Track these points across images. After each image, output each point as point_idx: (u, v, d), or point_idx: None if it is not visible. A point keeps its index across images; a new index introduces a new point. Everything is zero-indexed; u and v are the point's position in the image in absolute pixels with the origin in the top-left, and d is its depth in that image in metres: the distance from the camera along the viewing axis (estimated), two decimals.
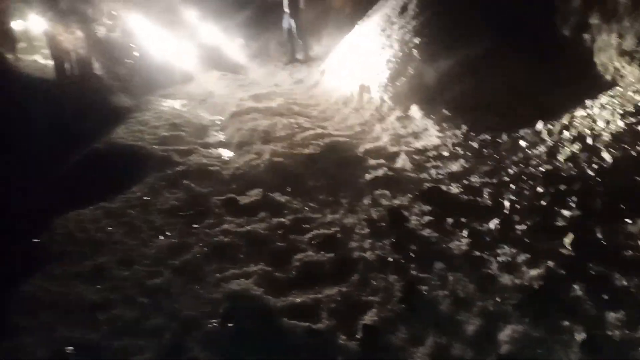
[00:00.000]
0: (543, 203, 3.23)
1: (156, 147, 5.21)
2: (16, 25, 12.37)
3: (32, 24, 11.68)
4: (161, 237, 3.51)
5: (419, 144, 4.55)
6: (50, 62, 9.25)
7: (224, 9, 11.15)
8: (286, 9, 9.41)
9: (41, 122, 6.29)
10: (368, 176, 4.08)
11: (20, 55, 12.38)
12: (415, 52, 5.45)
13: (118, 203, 4.01)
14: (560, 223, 3.01)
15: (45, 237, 3.61)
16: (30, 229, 3.71)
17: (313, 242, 3.32)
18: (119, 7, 9.71)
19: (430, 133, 4.70)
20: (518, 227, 3.10)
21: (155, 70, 9.15)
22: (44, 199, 4.30)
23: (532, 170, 3.60)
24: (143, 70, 9.23)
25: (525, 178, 3.52)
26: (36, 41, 12.28)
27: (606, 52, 4.33)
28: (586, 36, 4.61)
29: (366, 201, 3.74)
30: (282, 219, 3.64)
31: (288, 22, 9.49)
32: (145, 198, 4.09)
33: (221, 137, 5.88)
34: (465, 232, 3.14)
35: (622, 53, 4.14)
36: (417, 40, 5.54)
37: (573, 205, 3.09)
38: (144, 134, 5.68)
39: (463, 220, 3.26)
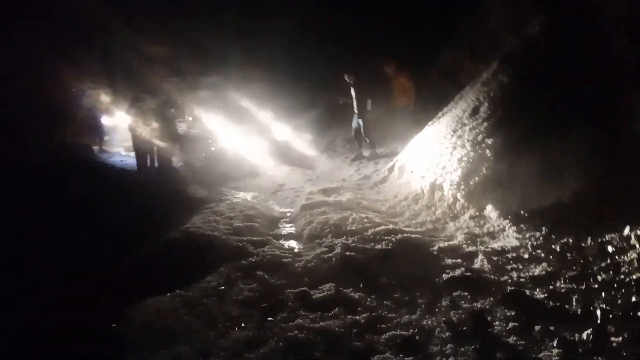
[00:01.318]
0: (639, 314, 3.01)
1: (230, 237, 5.35)
2: (105, 120, 13.60)
3: (118, 120, 12.78)
4: (237, 329, 3.50)
5: (496, 245, 4.43)
6: (132, 154, 9.96)
7: (295, 108, 11.81)
8: (355, 109, 9.85)
9: (121, 211, 6.67)
10: (445, 276, 3.96)
11: (105, 147, 13.49)
12: (488, 152, 5.48)
13: (195, 292, 4.07)
14: None
15: (124, 324, 3.68)
16: (110, 315, 3.81)
17: (391, 344, 3.20)
18: (199, 107, 10.48)
19: (507, 234, 4.57)
20: (613, 338, 2.88)
21: (229, 164, 9.65)
22: (124, 285, 4.47)
23: (624, 277, 3.40)
24: (218, 164, 9.75)
25: (616, 286, 3.32)
26: (121, 136, 13.35)
27: None
28: None
29: (445, 302, 3.61)
30: (357, 317, 3.56)
31: (356, 120, 9.89)
32: (220, 288, 4.14)
33: (292, 229, 5.99)
34: (555, 342, 2.95)
35: None
36: (490, 141, 5.58)
37: None
38: (219, 224, 5.87)
39: (552, 328, 3.08)
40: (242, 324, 3.56)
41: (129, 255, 5.20)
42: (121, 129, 12.07)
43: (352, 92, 9.82)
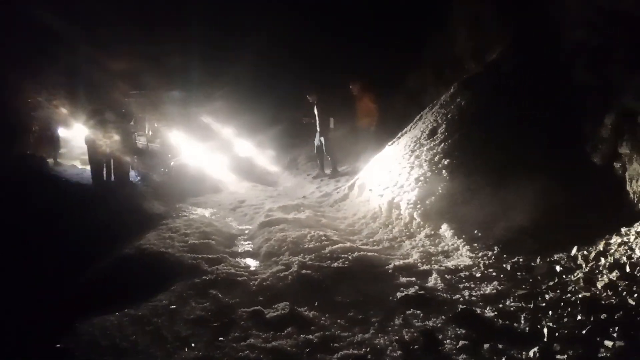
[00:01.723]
0: (584, 332, 3.08)
1: (185, 254, 5.25)
2: (60, 132, 13.24)
3: (75, 132, 12.47)
4: (186, 349, 3.41)
5: (450, 264, 4.49)
6: (88, 168, 9.71)
7: (258, 124, 11.79)
8: (317, 127, 9.90)
9: (74, 226, 6.47)
10: (399, 294, 3.98)
11: (60, 160, 13.11)
12: (444, 172, 5.59)
13: (145, 310, 3.95)
14: (603, 354, 2.85)
15: (70, 342, 3.55)
16: (56, 333, 3.67)
17: None
18: (160, 121, 10.35)
19: (461, 253, 4.65)
20: (559, 356, 2.94)
21: (189, 179, 9.52)
22: (72, 302, 4.32)
23: (571, 296, 3.49)
24: (178, 179, 9.60)
25: (563, 305, 3.40)
26: (77, 148, 13.02)
27: (638, 181, 4.36)
28: (617, 165, 4.68)
29: (398, 321, 3.62)
30: (310, 336, 3.52)
31: (319, 138, 9.93)
32: (172, 306, 4.03)
33: (249, 247, 5.93)
34: None
35: None
36: (446, 162, 5.70)
37: (615, 335, 2.95)
38: (174, 241, 5.75)
39: (500, 346, 3.11)
40: (192, 344, 3.48)
41: (79, 271, 5.04)
42: (78, 141, 11.78)
43: (315, 110, 9.89)
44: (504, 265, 4.22)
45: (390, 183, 6.40)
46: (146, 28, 12.40)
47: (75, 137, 12.57)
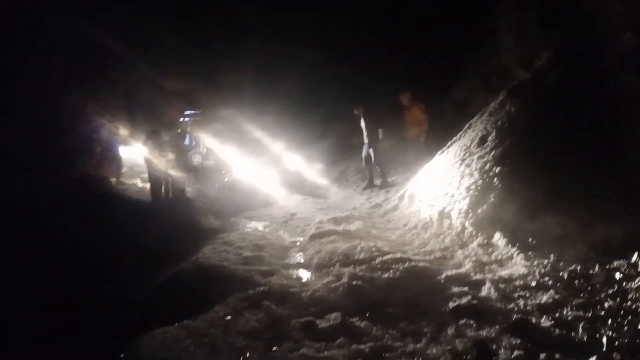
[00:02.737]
0: None
1: (239, 267, 5.39)
2: (121, 152, 13.88)
3: (135, 152, 13.04)
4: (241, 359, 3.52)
5: (504, 273, 4.40)
6: (147, 186, 10.14)
7: (307, 138, 11.96)
8: (365, 139, 9.94)
9: (133, 242, 6.78)
10: (451, 304, 3.94)
11: (122, 179, 13.74)
12: (496, 180, 5.49)
13: (201, 322, 4.09)
14: None
15: (131, 354, 3.73)
16: (119, 345, 3.86)
17: None
18: (213, 139, 10.69)
19: (515, 262, 4.54)
20: None
21: (241, 194, 9.77)
22: (134, 314, 4.54)
23: (631, 304, 3.35)
24: (231, 194, 9.87)
25: (623, 313, 3.28)
26: (137, 167, 13.60)
27: None
28: None
29: (450, 331, 3.58)
30: (362, 346, 3.54)
31: (367, 150, 9.96)
32: (227, 318, 4.15)
33: (301, 258, 6.02)
34: None
35: None
36: (497, 170, 5.59)
37: None
38: (229, 254, 5.93)
39: (557, 356, 3.03)
40: (247, 354, 3.57)
41: (141, 285, 5.28)
42: (138, 160, 12.32)
43: (362, 123, 9.94)
44: (561, 274, 4.09)
45: (440, 192, 6.35)
46: (199, 48, 12.87)
47: (136, 157, 13.14)
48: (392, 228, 6.84)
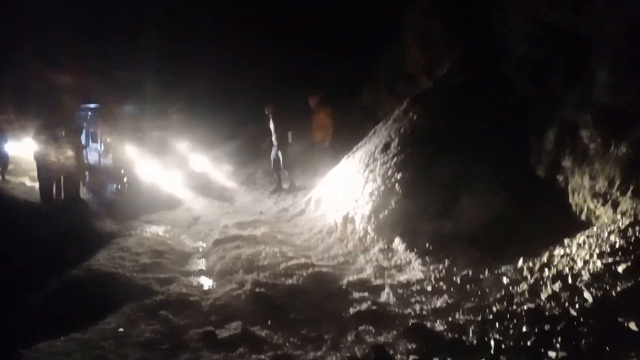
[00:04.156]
0: (529, 343, 3.16)
1: (136, 274, 5.14)
2: (8, 147, 12.73)
3: (24, 147, 12.03)
4: None
5: (402, 278, 4.54)
6: (37, 185, 9.38)
7: (215, 139, 11.68)
8: (274, 141, 9.88)
9: (20, 246, 6.24)
10: (352, 310, 4.00)
11: (8, 177, 12.60)
12: (397, 186, 5.66)
13: (92, 334, 3.85)
14: None
15: None
16: None
17: None
18: (112, 136, 10.10)
19: (413, 266, 4.71)
20: None
21: (142, 196, 9.30)
22: (17, 327, 4.17)
23: (516, 308, 3.57)
24: (131, 196, 9.37)
25: (509, 316, 3.48)
26: (26, 164, 12.55)
27: (580, 194, 4.53)
28: (560, 177, 4.86)
29: (350, 337, 3.62)
30: (262, 356, 3.49)
31: (276, 152, 9.90)
32: (120, 329, 3.94)
33: (203, 265, 5.84)
34: None
35: (595, 195, 4.34)
36: (399, 176, 5.77)
37: (558, 346, 3.04)
38: (125, 260, 5.63)
39: (448, 359, 3.16)
40: None
41: (25, 294, 4.86)
42: (27, 157, 11.36)
43: (271, 124, 9.87)
44: (454, 278, 4.29)
45: (345, 197, 6.45)
46: (96, 41, 12.17)
47: (24, 153, 12.11)
48: (298, 233, 6.84)
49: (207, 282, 5.14)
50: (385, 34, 10.52)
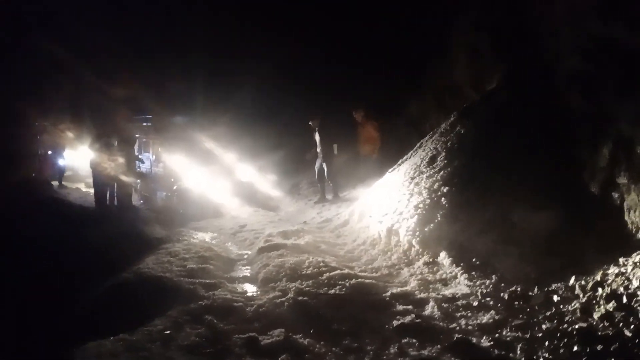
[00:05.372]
0: None
1: (183, 279, 5.24)
2: (66, 156, 13.38)
3: (80, 155, 12.60)
4: None
5: (447, 292, 4.45)
6: (92, 191, 9.79)
7: (260, 149, 11.86)
8: (319, 153, 9.95)
9: (74, 249, 6.52)
10: (395, 322, 3.95)
11: (65, 183, 13.21)
12: (443, 200, 5.59)
13: (139, 336, 3.94)
14: None
15: None
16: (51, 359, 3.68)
17: None
18: (163, 146, 10.44)
19: (459, 281, 4.62)
20: None
21: (191, 203, 9.56)
22: (69, 326, 4.33)
23: (567, 327, 3.45)
24: (180, 204, 9.64)
25: (559, 335, 3.37)
26: (82, 171, 13.12)
27: (636, 211, 4.35)
28: (615, 194, 4.67)
29: (392, 350, 3.58)
30: None
31: (320, 164, 9.97)
32: (166, 332, 4.02)
33: (247, 272, 5.91)
34: None
35: None
36: (445, 189, 5.70)
37: None
38: (173, 265, 5.77)
39: None
40: None
41: (77, 295, 5.06)
42: (83, 164, 11.89)
43: (317, 136, 9.95)
44: (502, 294, 4.18)
45: (389, 210, 6.40)
46: (148, 55, 12.65)
47: (81, 161, 12.69)
48: (342, 243, 6.84)
49: (251, 289, 5.20)
50: (433, 47, 10.44)
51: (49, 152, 12.80)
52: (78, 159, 13.50)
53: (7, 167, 10.42)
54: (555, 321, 3.59)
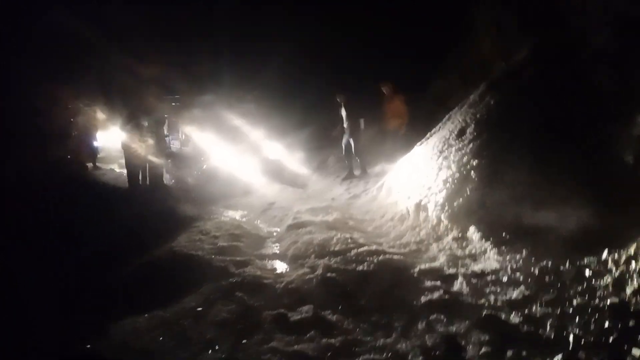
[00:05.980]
0: (611, 339, 3.00)
1: (214, 257, 5.35)
2: (99, 137, 13.67)
3: (112, 137, 12.85)
4: (210, 351, 3.49)
5: (477, 267, 4.42)
6: (125, 171, 9.99)
7: (287, 127, 11.88)
8: (346, 129, 9.90)
9: (109, 228, 6.69)
10: (423, 298, 3.95)
11: (99, 164, 13.53)
12: (472, 174, 5.50)
13: (172, 312, 4.06)
14: None
15: (100, 343, 3.68)
16: (88, 334, 3.81)
17: None
18: (193, 125, 10.55)
19: (488, 256, 4.57)
20: None
21: (220, 182, 9.68)
22: (104, 303, 4.47)
23: (599, 302, 3.39)
24: (210, 182, 9.77)
25: (591, 311, 3.32)
26: (115, 152, 13.41)
27: None
28: None
29: (421, 326, 3.59)
30: (332, 340, 3.54)
31: (347, 139, 9.93)
32: (198, 309, 4.12)
33: (277, 249, 5.99)
34: None
35: None
36: (474, 163, 5.61)
37: None
38: (204, 243, 5.88)
39: (524, 353, 3.06)
40: (216, 346, 3.55)
41: (113, 273, 5.21)
42: (116, 145, 12.13)
43: (343, 112, 9.89)
44: (532, 269, 4.12)
45: (418, 184, 6.36)
46: (176, 36, 12.71)
47: (113, 142, 12.94)
48: (370, 219, 6.84)
49: (280, 266, 5.27)
50: (459, 24, 10.20)
51: (83, 134, 13.09)
52: (110, 140, 13.77)
53: (43, 146, 10.69)
54: (586, 296, 3.53)
